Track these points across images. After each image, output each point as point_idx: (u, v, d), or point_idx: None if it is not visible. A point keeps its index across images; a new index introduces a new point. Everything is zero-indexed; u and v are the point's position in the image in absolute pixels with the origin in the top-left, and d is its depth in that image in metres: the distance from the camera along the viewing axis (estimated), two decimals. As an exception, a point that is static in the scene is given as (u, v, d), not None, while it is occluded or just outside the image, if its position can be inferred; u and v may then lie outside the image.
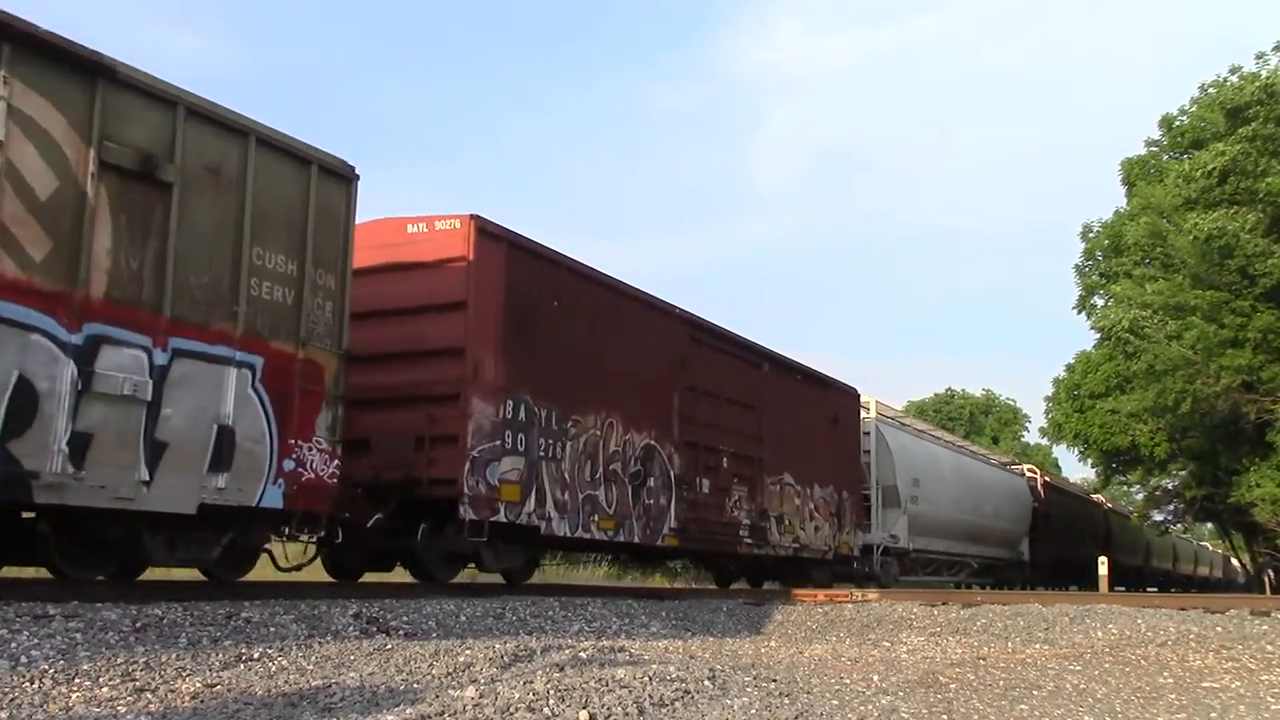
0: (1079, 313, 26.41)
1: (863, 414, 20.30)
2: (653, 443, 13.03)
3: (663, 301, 13.72)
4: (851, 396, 19.33)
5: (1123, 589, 34.45)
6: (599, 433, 12.05)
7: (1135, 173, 25.46)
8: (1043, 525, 31.00)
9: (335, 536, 8.84)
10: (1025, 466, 34.13)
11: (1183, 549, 52.67)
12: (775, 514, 15.88)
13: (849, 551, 18.65)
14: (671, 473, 13.37)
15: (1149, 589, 38.93)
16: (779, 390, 16.28)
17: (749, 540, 15.17)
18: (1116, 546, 36.93)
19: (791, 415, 16.58)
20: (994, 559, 27.36)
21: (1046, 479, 33.66)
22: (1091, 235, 26.33)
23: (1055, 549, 31.61)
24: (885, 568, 20.58)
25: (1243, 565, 47.11)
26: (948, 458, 25.48)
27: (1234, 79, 20.87)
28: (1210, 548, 63.05)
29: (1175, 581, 48.24)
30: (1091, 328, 24.50)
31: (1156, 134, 25.30)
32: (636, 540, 12.63)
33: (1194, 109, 23.64)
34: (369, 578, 13.47)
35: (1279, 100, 19.28)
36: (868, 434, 20.58)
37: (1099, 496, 40.82)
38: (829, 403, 18.29)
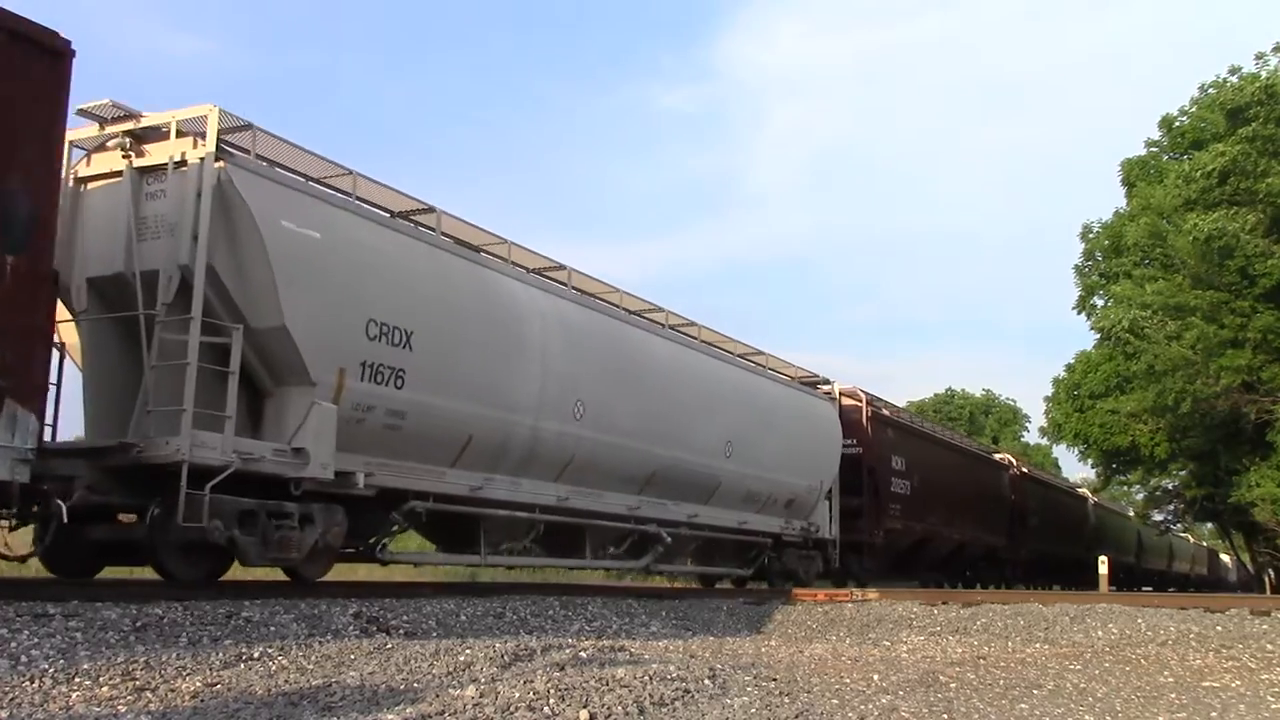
0: (1079, 313, 26.48)
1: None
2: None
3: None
4: None
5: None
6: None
7: (1135, 173, 25.49)
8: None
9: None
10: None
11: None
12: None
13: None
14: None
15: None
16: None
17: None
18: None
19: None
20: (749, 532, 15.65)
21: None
22: (1091, 236, 26.37)
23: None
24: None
25: (1242, 564, 46.70)
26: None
27: (1234, 79, 20.89)
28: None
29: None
30: (1091, 328, 24.53)
31: (1156, 134, 25.35)
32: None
33: (1194, 109, 23.67)
34: (369, 578, 13.46)
35: (1279, 101, 19.28)
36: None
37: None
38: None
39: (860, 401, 20.17)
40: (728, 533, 14.98)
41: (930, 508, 22.50)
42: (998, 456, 30.85)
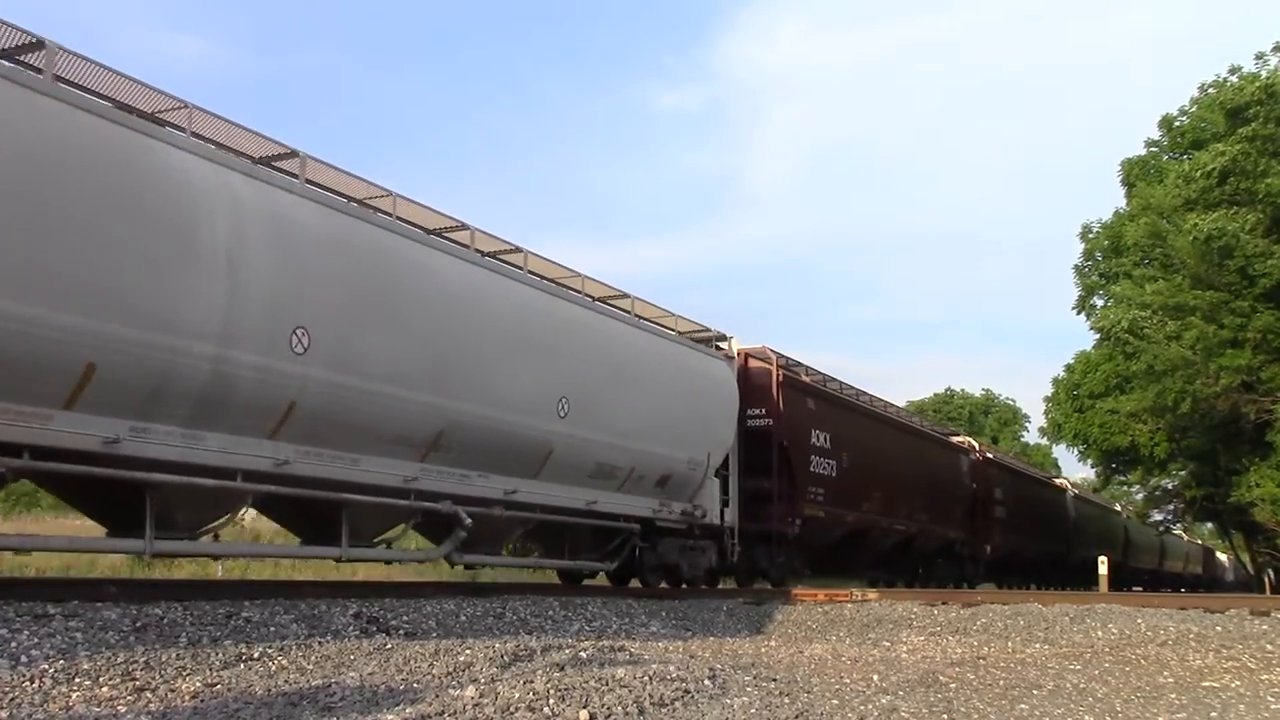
0: (1079, 313, 26.42)
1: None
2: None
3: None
4: None
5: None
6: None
7: (1135, 173, 25.46)
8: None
9: None
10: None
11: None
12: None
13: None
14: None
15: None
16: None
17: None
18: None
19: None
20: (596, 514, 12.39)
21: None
22: (1091, 236, 26.34)
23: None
24: None
25: (1240, 564, 46.17)
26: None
27: (1234, 79, 20.87)
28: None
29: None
30: (1091, 328, 24.50)
31: (1156, 134, 25.34)
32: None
33: (1194, 109, 23.64)
34: (369, 577, 13.47)
35: (1279, 100, 19.27)
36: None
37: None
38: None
39: (770, 364, 16.48)
40: (572, 515, 11.63)
41: (864, 493, 18.98)
42: (956, 439, 27.06)
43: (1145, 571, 43.11)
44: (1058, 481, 35.73)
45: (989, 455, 27.43)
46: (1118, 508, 41.93)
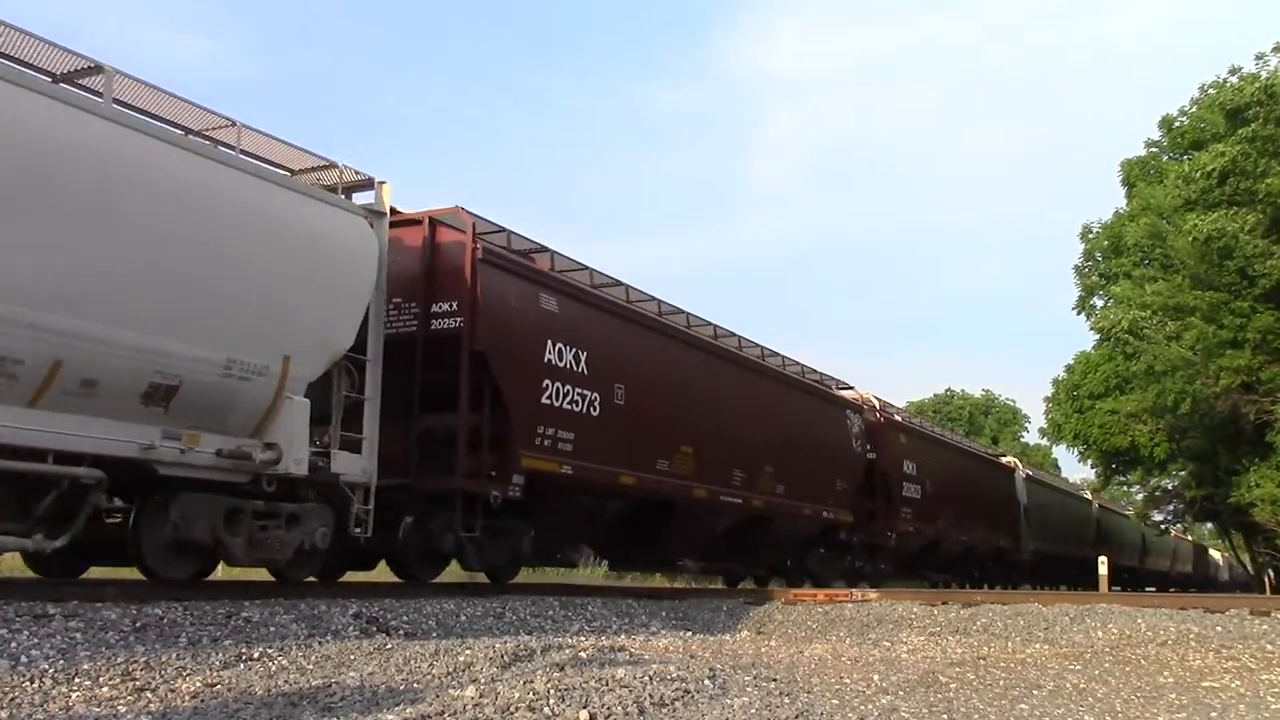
0: (1079, 313, 26.48)
1: None
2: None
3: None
4: None
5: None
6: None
7: (1135, 173, 25.50)
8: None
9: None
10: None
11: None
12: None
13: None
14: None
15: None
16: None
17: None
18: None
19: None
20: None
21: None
22: (1091, 236, 26.39)
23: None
24: None
25: (1240, 563, 45.67)
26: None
27: (1234, 80, 20.89)
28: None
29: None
30: (1091, 328, 24.55)
31: (1156, 135, 25.36)
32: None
33: (1194, 110, 23.67)
34: (369, 577, 13.45)
35: (1279, 101, 19.29)
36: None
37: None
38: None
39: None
40: None
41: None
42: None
43: (1124, 569, 36.63)
44: (1004, 460, 30.04)
45: (894, 417, 21.70)
46: (1087, 494, 38.17)
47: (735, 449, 14.76)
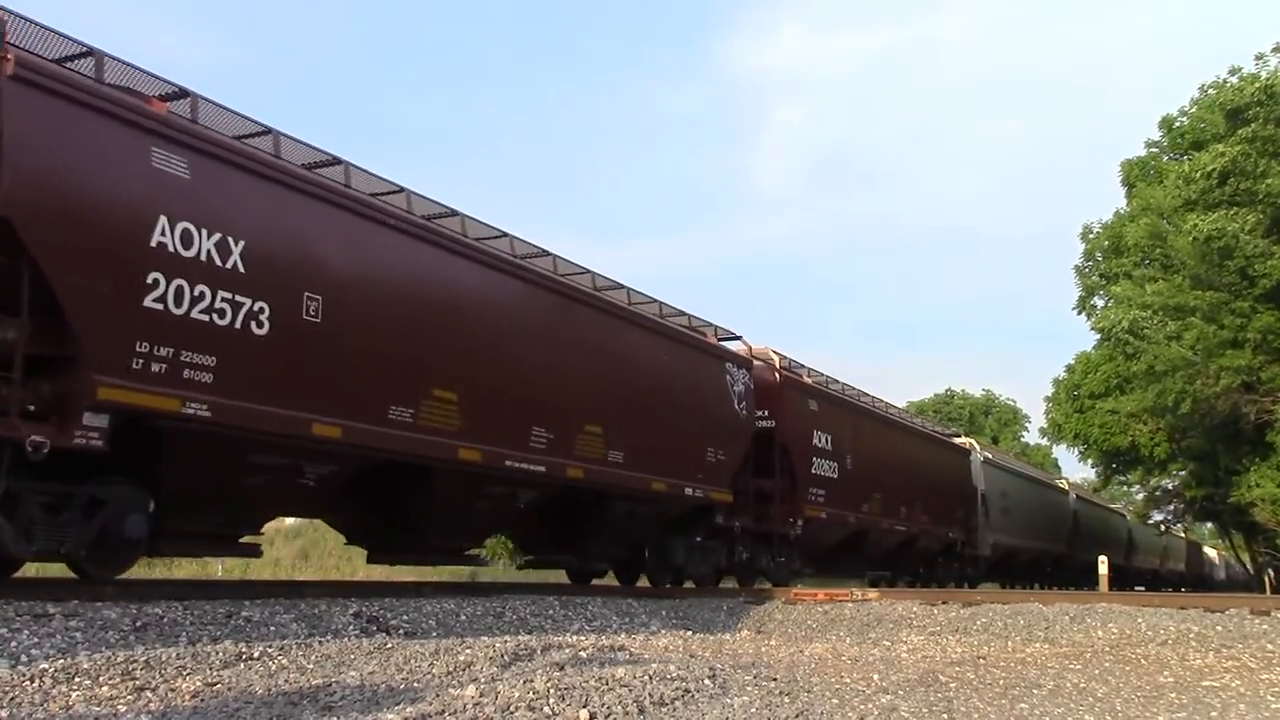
0: (1079, 313, 26.49)
1: None
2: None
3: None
4: None
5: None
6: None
7: (1135, 174, 25.50)
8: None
9: None
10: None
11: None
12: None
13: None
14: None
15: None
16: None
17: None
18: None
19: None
20: None
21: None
22: (1091, 236, 26.40)
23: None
24: None
25: (1241, 562, 45.27)
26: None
27: (1234, 80, 20.89)
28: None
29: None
30: (1091, 328, 24.55)
31: (1156, 135, 25.36)
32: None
33: (1194, 110, 23.68)
34: (369, 576, 13.46)
35: (1279, 101, 19.29)
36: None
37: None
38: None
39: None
40: None
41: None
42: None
43: (1111, 566, 33.74)
44: (958, 441, 26.45)
45: (801, 378, 17.92)
46: (1063, 484, 34.34)
47: (535, 400, 11.17)
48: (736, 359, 15.36)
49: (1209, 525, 44.96)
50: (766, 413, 15.89)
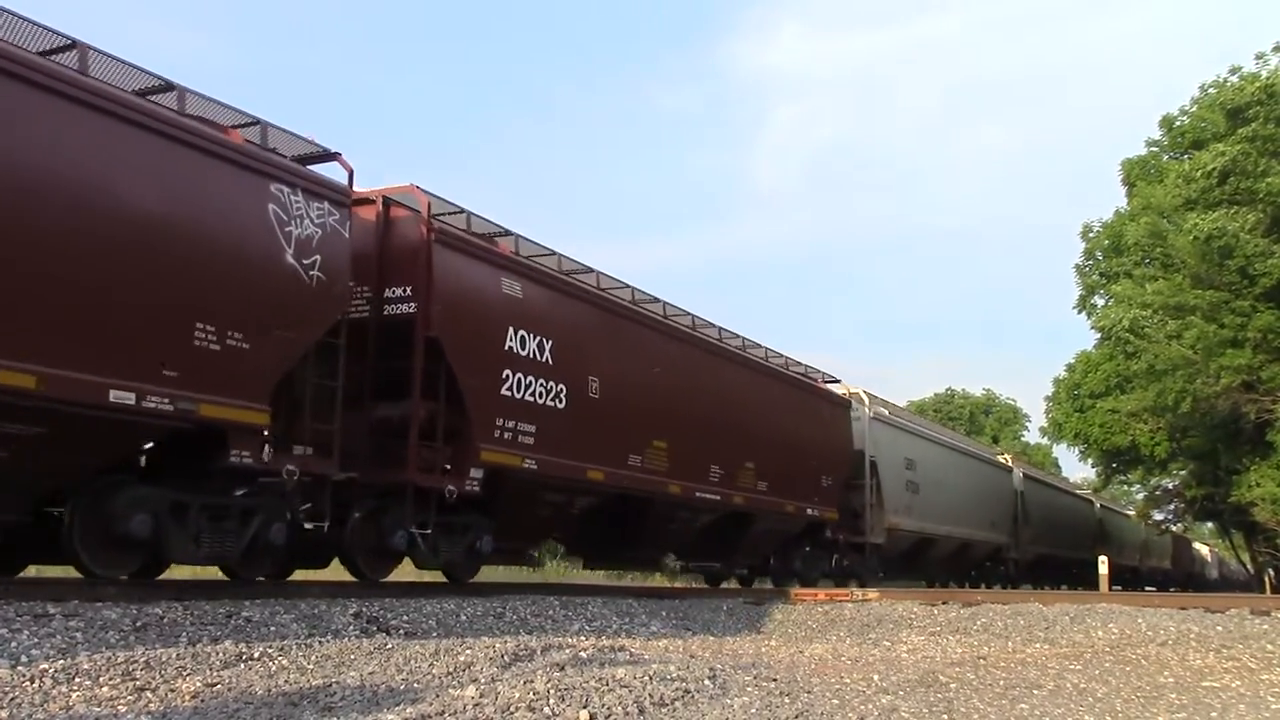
0: (1079, 312, 26.45)
1: None
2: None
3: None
4: None
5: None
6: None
7: (1135, 173, 25.46)
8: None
9: None
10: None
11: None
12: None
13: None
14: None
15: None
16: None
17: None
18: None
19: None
20: None
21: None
22: (1092, 235, 26.36)
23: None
24: None
25: (1240, 561, 44.87)
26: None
27: (1234, 79, 20.88)
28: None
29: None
30: (1092, 328, 24.55)
31: (1157, 134, 25.34)
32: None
33: (1194, 109, 23.63)
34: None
35: (1279, 100, 19.28)
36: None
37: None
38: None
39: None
40: None
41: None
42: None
43: (1073, 563, 30.41)
44: (833, 388, 19.72)
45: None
46: (1006, 460, 29.75)
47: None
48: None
49: (1209, 525, 44.78)
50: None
